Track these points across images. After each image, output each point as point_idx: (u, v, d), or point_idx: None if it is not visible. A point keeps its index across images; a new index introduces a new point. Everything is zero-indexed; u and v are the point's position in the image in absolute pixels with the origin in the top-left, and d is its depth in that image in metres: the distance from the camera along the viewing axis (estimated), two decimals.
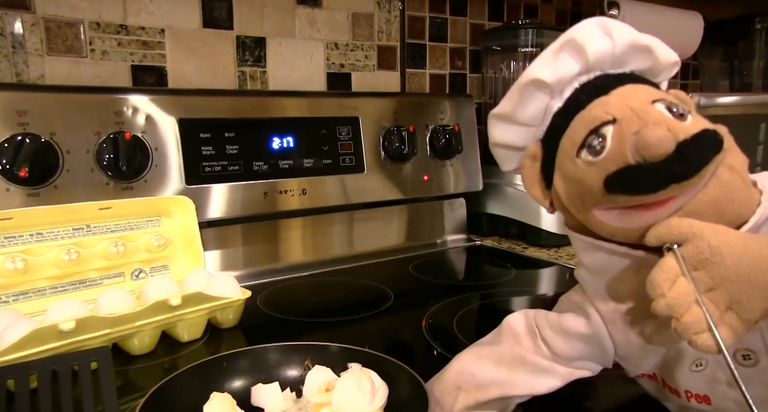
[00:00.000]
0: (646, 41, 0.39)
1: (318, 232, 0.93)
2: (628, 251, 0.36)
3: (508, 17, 1.28)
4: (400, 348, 0.62)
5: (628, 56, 0.39)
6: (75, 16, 0.80)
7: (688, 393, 0.39)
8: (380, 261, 0.96)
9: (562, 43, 0.39)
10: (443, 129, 1.01)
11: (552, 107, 0.40)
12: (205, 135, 0.79)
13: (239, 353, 0.51)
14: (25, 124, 0.66)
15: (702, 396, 0.39)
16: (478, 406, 0.43)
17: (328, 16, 1.02)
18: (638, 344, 0.38)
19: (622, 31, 0.39)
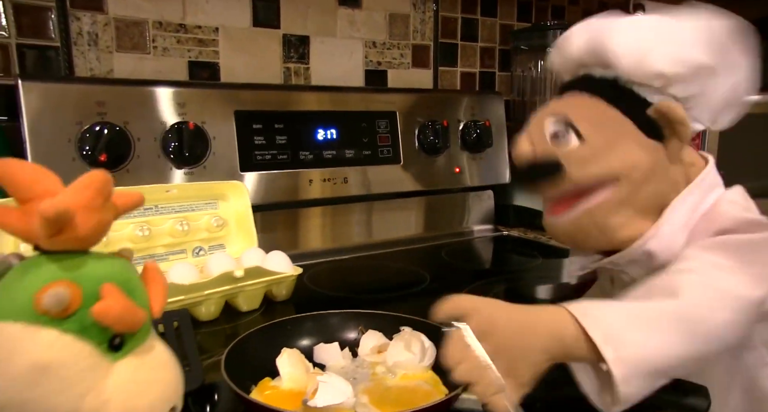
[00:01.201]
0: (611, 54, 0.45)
1: (357, 219, 0.99)
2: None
3: (536, 18, 1.33)
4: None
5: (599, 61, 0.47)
6: (141, 16, 0.87)
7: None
8: (414, 247, 1.02)
9: (560, 39, 0.51)
10: (474, 124, 1.06)
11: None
12: (258, 126, 0.86)
13: (303, 317, 0.58)
14: (104, 114, 0.74)
15: None
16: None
17: (367, 16, 1.08)
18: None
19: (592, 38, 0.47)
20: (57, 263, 0.32)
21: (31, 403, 0.30)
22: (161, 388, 0.35)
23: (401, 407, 0.44)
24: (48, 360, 0.30)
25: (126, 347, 0.34)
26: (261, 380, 0.50)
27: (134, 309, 0.33)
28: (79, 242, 0.33)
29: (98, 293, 0.32)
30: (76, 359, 0.31)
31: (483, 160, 1.09)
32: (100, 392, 0.32)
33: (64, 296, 0.31)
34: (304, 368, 0.50)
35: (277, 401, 0.46)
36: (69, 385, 0.31)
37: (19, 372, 0.30)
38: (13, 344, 0.30)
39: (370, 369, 0.53)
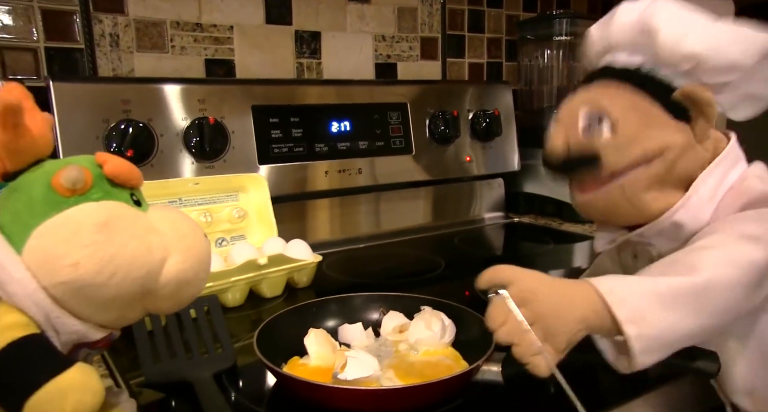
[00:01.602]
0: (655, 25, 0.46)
1: (371, 208, 1.02)
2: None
3: (541, 8, 1.34)
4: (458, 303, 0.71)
5: (636, 39, 0.49)
6: (159, 16, 0.90)
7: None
8: (427, 235, 1.05)
9: (611, 12, 0.51)
10: (483, 114, 1.08)
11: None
12: (274, 120, 0.89)
13: (328, 299, 0.61)
14: (128, 112, 0.77)
15: None
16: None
17: (376, 11, 1.11)
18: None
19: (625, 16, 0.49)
20: (41, 167, 0.36)
21: (117, 257, 0.33)
22: (190, 219, 0.39)
23: (425, 379, 0.46)
24: (103, 218, 0.33)
25: (143, 205, 0.38)
26: (290, 359, 0.53)
27: (132, 165, 0.37)
28: (36, 144, 0.35)
29: (98, 165, 0.36)
30: (122, 211, 0.35)
31: (493, 148, 1.12)
32: (154, 230, 0.36)
33: (77, 171, 0.34)
34: (330, 347, 0.53)
35: (306, 376, 0.49)
36: (132, 230, 0.34)
37: (92, 236, 0.32)
38: (67, 224, 0.33)
39: (392, 347, 0.56)
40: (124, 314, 0.36)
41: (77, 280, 0.32)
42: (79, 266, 0.32)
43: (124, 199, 0.36)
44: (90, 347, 0.37)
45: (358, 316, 0.60)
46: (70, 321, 0.34)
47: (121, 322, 0.37)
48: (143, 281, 0.34)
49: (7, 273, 0.32)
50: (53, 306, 0.33)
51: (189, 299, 0.38)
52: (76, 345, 0.36)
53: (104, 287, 0.33)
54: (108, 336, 0.37)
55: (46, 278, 0.33)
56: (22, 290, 0.32)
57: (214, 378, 0.50)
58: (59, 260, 0.32)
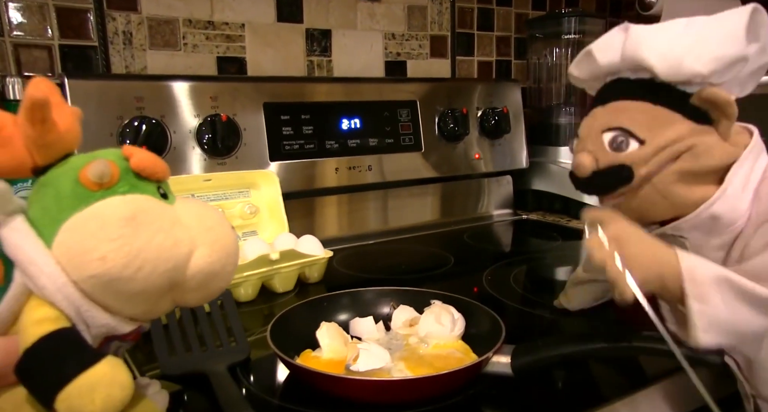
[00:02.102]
0: (648, 61, 0.47)
1: (381, 205, 1.03)
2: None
3: (550, 6, 1.35)
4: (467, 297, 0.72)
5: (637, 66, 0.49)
6: (172, 14, 0.91)
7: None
8: (437, 231, 1.06)
9: (584, 52, 0.53)
10: (492, 111, 1.09)
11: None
12: (285, 117, 0.90)
13: (339, 294, 0.61)
14: (142, 109, 0.78)
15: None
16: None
17: (386, 8, 1.11)
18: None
19: (633, 44, 0.49)
20: (68, 162, 0.36)
21: (144, 251, 0.33)
22: (216, 212, 0.39)
23: (435, 371, 0.47)
24: (130, 211, 0.34)
25: (170, 198, 0.38)
26: (303, 352, 0.53)
27: (158, 157, 0.38)
28: (64, 139, 0.35)
29: (125, 158, 0.36)
30: (149, 204, 0.35)
31: (501, 146, 1.12)
32: (180, 223, 0.36)
33: (104, 165, 0.34)
34: (342, 340, 0.54)
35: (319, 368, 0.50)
36: (159, 223, 0.34)
37: (119, 230, 0.33)
38: (95, 218, 0.33)
39: (403, 340, 0.56)
40: (152, 306, 0.37)
41: (105, 273, 0.32)
42: (107, 259, 0.32)
43: (151, 192, 0.36)
44: (120, 340, 0.38)
45: (369, 310, 0.61)
46: (100, 314, 0.35)
47: (149, 315, 0.38)
48: (170, 274, 0.34)
49: (38, 267, 0.33)
50: (83, 300, 0.34)
51: (217, 292, 0.39)
52: (107, 338, 0.37)
53: (132, 280, 0.33)
54: (137, 329, 0.38)
55: (75, 272, 0.33)
56: (52, 283, 0.33)
57: (229, 370, 0.51)
58: (87, 254, 0.32)
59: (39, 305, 0.33)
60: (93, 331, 0.35)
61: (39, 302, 0.34)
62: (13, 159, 0.35)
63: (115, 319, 0.35)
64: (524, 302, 0.71)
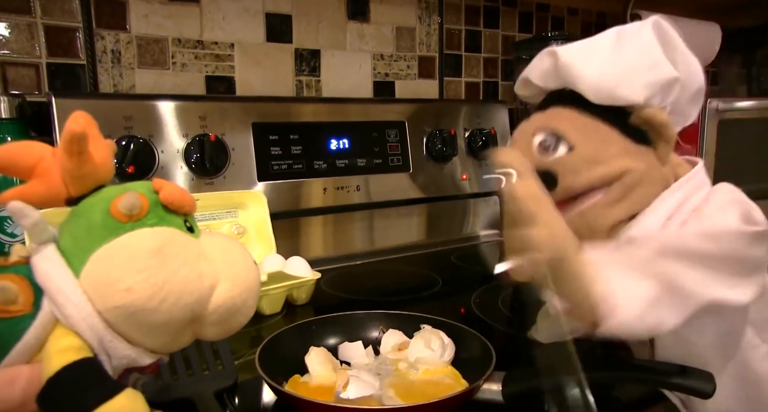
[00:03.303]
0: (578, 85, 0.48)
1: (369, 225, 1.03)
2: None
3: (537, 29, 1.37)
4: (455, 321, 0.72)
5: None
6: (161, 33, 0.91)
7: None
8: (424, 252, 1.06)
9: (522, 79, 0.55)
10: (480, 132, 1.10)
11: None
12: (274, 137, 0.90)
13: (328, 317, 0.61)
14: (130, 128, 0.77)
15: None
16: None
17: (375, 29, 1.12)
18: None
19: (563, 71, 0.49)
20: (100, 193, 0.37)
21: (169, 283, 0.33)
22: (240, 246, 0.40)
23: (426, 398, 0.47)
24: (157, 244, 0.34)
25: (196, 231, 0.39)
26: (291, 377, 0.53)
27: (186, 191, 0.38)
28: (98, 171, 0.36)
29: (154, 191, 0.37)
30: (175, 237, 0.36)
31: (489, 167, 1.13)
32: (205, 256, 0.36)
33: (135, 198, 0.35)
34: (331, 366, 0.53)
35: (308, 395, 0.49)
36: (184, 256, 0.35)
37: (146, 261, 0.33)
38: (123, 250, 0.34)
39: (392, 366, 0.56)
40: (173, 338, 0.37)
41: (130, 305, 0.33)
42: (133, 291, 0.33)
43: (178, 225, 0.37)
44: (140, 372, 0.38)
45: (358, 334, 0.60)
46: (122, 346, 0.35)
47: (170, 347, 0.38)
48: (193, 306, 0.35)
49: (65, 296, 0.33)
50: (107, 330, 0.34)
51: (237, 326, 0.39)
52: (126, 370, 0.36)
53: (156, 312, 0.33)
54: (157, 361, 0.38)
55: (101, 302, 0.33)
56: (77, 313, 0.33)
57: (215, 396, 0.50)
58: (114, 285, 0.33)
59: (64, 335, 0.34)
60: (114, 362, 0.35)
61: (65, 331, 0.34)
62: (50, 190, 0.36)
63: (137, 351, 0.36)
64: (512, 326, 0.71)
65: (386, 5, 1.13)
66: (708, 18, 1.38)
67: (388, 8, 1.13)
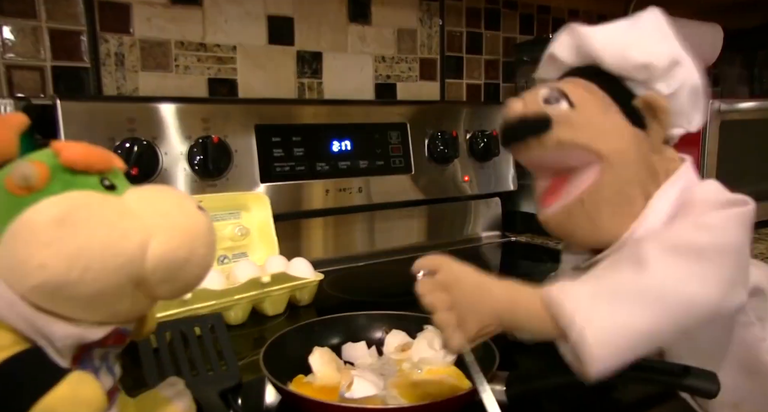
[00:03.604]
0: (597, 52, 0.50)
1: (370, 226, 1.03)
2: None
3: (537, 31, 1.37)
4: None
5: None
6: (164, 36, 0.91)
7: None
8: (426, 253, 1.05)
9: (547, 55, 0.55)
10: (481, 134, 1.10)
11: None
12: (276, 139, 0.90)
13: (331, 318, 0.61)
14: (134, 130, 0.78)
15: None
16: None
17: (377, 32, 1.13)
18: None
19: (583, 41, 0.51)
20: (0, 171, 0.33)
21: (86, 249, 0.30)
22: (175, 194, 0.36)
23: (429, 398, 0.47)
24: (60, 211, 0.31)
25: (120, 188, 0.35)
26: (295, 377, 0.53)
27: (96, 148, 0.35)
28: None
29: (54, 155, 0.33)
30: (85, 200, 0.32)
31: (490, 168, 1.13)
32: (130, 213, 0.33)
33: (27, 168, 0.31)
34: (335, 366, 0.54)
35: (313, 394, 0.49)
36: (100, 217, 0.32)
37: (51, 233, 0.30)
38: (26, 225, 0.31)
39: (396, 366, 0.56)
40: (118, 307, 0.34)
41: (48, 281, 0.30)
42: (47, 266, 0.30)
43: (92, 185, 0.33)
44: (102, 346, 0.35)
45: (362, 334, 0.60)
46: (58, 326, 0.32)
47: (121, 316, 0.35)
48: (126, 269, 0.31)
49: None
50: (37, 314, 0.31)
51: (193, 280, 0.36)
52: (84, 347, 0.34)
53: (80, 283, 0.30)
54: (113, 332, 0.35)
55: (19, 286, 0.31)
56: (1, 302, 0.31)
57: (220, 396, 0.50)
58: (26, 264, 0.30)
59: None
60: (57, 343, 0.32)
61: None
62: None
63: (79, 327, 0.33)
64: None
65: (387, 7, 1.14)
66: (709, 19, 1.39)
67: (389, 10, 1.14)
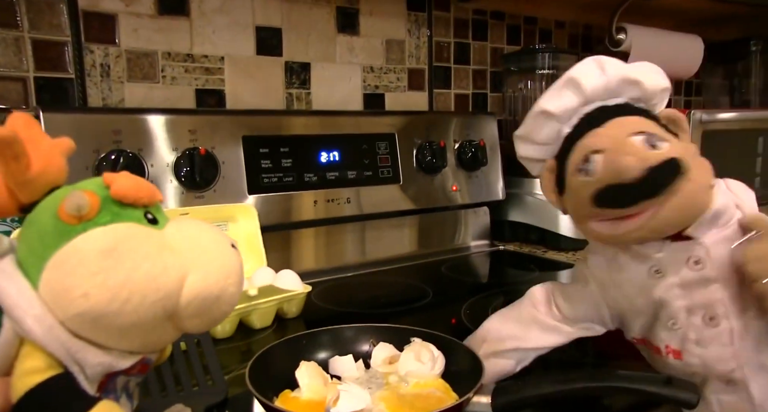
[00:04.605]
0: (635, 75, 0.49)
1: (359, 237, 1.03)
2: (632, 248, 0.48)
3: (525, 41, 1.39)
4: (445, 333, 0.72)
5: (620, 88, 0.50)
6: (151, 47, 0.91)
7: (667, 348, 0.49)
8: (415, 263, 1.06)
9: (564, 81, 0.50)
10: (469, 144, 1.11)
11: (563, 131, 0.51)
12: (264, 150, 0.90)
13: (318, 331, 0.61)
14: (119, 142, 0.77)
15: (675, 351, 0.48)
16: (498, 354, 0.55)
17: (365, 42, 1.13)
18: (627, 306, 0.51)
19: (614, 67, 0.50)
20: (52, 197, 0.35)
21: (129, 282, 0.32)
22: (213, 231, 0.37)
23: (416, 411, 0.47)
24: (109, 243, 0.32)
25: (161, 222, 0.36)
26: (281, 392, 0.53)
27: (143, 181, 0.36)
28: (47, 173, 0.35)
29: (105, 187, 0.35)
30: (131, 232, 0.34)
31: (478, 178, 1.14)
32: (170, 248, 0.34)
33: (80, 197, 0.33)
34: (322, 380, 0.53)
35: (298, 410, 0.49)
36: (145, 251, 0.33)
37: (99, 263, 0.31)
38: (75, 254, 0.32)
39: (383, 379, 0.56)
40: (150, 338, 0.35)
41: (90, 310, 0.31)
42: (90, 296, 0.31)
43: (136, 218, 0.35)
44: (126, 374, 0.36)
45: (349, 347, 0.60)
46: (92, 353, 0.33)
47: (150, 346, 0.36)
48: (162, 303, 0.33)
49: (22, 310, 0.32)
50: (73, 340, 0.32)
51: (222, 316, 0.37)
52: (110, 375, 0.35)
53: (120, 314, 0.32)
54: (140, 361, 0.36)
55: (61, 312, 0.32)
56: (39, 326, 0.32)
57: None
58: (70, 292, 0.31)
59: (28, 354, 0.32)
60: (88, 371, 0.33)
61: (30, 348, 0.33)
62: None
63: (111, 355, 0.34)
64: None
65: (376, 18, 1.14)
66: (691, 31, 1.41)
67: (377, 21, 1.14)
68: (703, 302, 0.46)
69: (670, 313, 0.47)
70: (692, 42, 1.40)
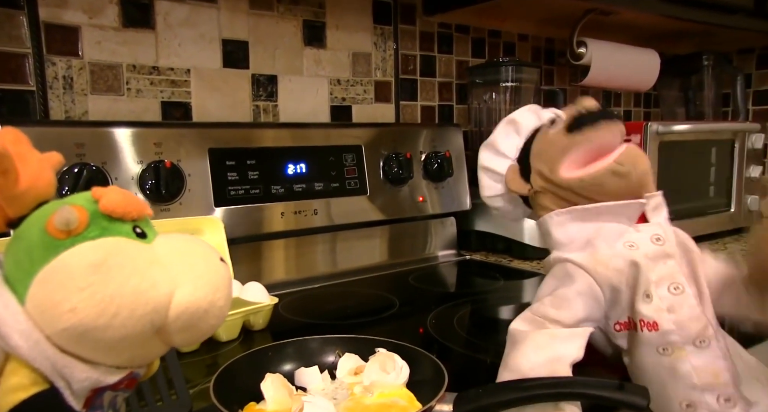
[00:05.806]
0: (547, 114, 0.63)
1: (326, 248, 1.04)
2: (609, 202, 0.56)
3: (489, 54, 1.42)
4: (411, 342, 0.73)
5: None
6: (115, 59, 0.91)
7: (642, 322, 0.53)
8: (382, 274, 1.07)
9: (508, 120, 0.67)
10: (435, 155, 1.13)
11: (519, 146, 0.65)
12: (231, 163, 0.90)
13: (284, 343, 0.61)
14: (82, 155, 0.76)
15: (651, 323, 0.53)
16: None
17: (332, 55, 1.15)
18: (615, 278, 0.55)
19: (545, 113, 0.63)
20: (40, 211, 0.35)
21: (117, 296, 0.31)
22: (201, 245, 0.37)
23: None
24: (98, 257, 0.32)
25: (150, 236, 0.36)
26: (247, 405, 0.53)
27: (132, 196, 0.36)
28: (35, 188, 0.35)
29: (94, 201, 0.35)
30: (120, 247, 0.34)
31: (445, 188, 1.16)
32: (159, 262, 0.34)
33: (69, 212, 0.33)
34: (287, 392, 0.54)
35: None
36: (133, 266, 0.33)
37: (87, 278, 0.31)
38: (63, 268, 0.32)
39: (348, 390, 0.57)
40: (137, 352, 0.35)
41: (78, 325, 0.31)
42: (78, 310, 0.31)
43: (125, 233, 0.35)
44: (113, 390, 0.36)
45: (315, 359, 0.61)
46: (79, 368, 0.33)
47: (138, 361, 0.36)
48: (150, 317, 0.33)
49: (8, 326, 0.32)
50: (60, 355, 0.32)
51: (209, 330, 0.37)
52: (96, 390, 0.35)
53: (108, 328, 0.32)
54: (127, 376, 0.36)
55: (49, 327, 0.32)
56: (25, 342, 0.32)
57: None
58: (58, 307, 0.31)
59: (13, 371, 0.32)
60: (75, 386, 0.33)
61: (15, 364, 0.32)
62: None
63: (98, 370, 0.34)
64: (468, 346, 0.72)
65: (342, 31, 1.16)
66: (647, 45, 1.46)
67: (344, 34, 1.16)
68: (667, 274, 0.53)
69: (645, 285, 0.53)
70: (649, 56, 1.45)
